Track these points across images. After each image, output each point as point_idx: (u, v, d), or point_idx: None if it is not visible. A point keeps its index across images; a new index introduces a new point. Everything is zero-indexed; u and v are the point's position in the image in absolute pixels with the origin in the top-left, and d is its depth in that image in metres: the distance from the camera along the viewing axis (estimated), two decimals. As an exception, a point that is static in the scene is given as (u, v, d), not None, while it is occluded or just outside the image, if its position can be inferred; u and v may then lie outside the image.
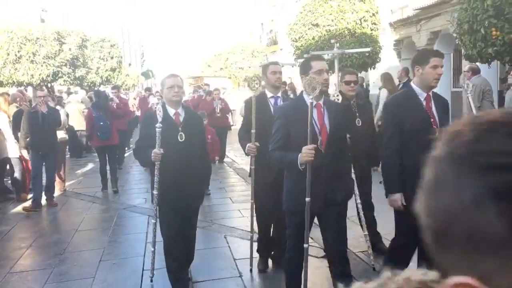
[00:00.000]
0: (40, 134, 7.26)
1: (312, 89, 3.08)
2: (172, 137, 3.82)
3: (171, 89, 3.89)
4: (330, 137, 3.26)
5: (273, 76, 4.43)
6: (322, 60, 3.45)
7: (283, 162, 3.34)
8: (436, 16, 14.28)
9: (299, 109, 3.24)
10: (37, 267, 5.04)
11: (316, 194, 3.18)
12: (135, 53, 56.79)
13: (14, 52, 14.81)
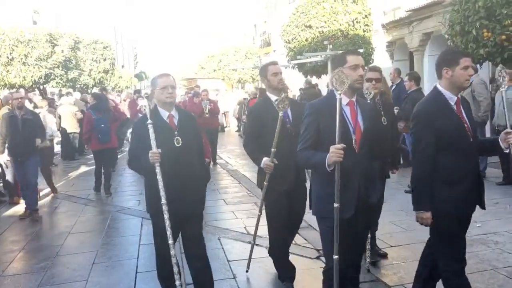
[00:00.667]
0: (19, 139, 6.86)
1: (341, 83, 2.88)
2: (168, 142, 3.50)
3: (164, 90, 3.54)
4: (365, 136, 3.06)
5: (275, 78, 4.07)
6: (359, 55, 3.14)
7: (309, 162, 3.09)
8: (428, 18, 14.35)
9: (331, 105, 2.97)
10: (29, 270, 5.01)
11: (347, 198, 2.94)
12: (128, 55, 56.67)
13: (6, 54, 14.76)
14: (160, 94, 3.56)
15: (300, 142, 3.11)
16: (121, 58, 48.68)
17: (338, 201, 2.88)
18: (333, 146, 2.82)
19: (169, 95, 3.56)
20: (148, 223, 6.50)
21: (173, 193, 3.48)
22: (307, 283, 4.24)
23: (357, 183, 3.01)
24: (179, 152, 3.53)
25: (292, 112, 4.05)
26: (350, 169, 2.92)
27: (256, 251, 5.20)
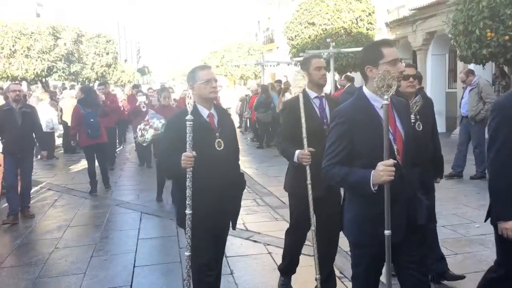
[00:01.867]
0: (18, 134, 6.39)
1: (387, 87, 2.39)
2: (208, 145, 3.06)
3: (207, 84, 3.11)
4: (407, 144, 2.60)
5: (318, 72, 3.65)
6: (394, 46, 2.67)
7: (346, 182, 2.54)
8: (432, 17, 14.32)
9: (364, 110, 2.55)
10: (27, 262, 5.01)
11: (394, 221, 2.47)
12: (131, 49, 56.64)
13: (9, 46, 14.74)
14: (202, 89, 3.13)
15: (326, 156, 2.61)
16: (124, 53, 48.69)
17: (389, 228, 2.42)
18: (383, 163, 2.35)
19: (213, 90, 3.15)
20: (147, 217, 6.55)
21: (211, 204, 3.07)
22: (305, 280, 4.24)
23: (404, 202, 2.56)
24: (220, 157, 3.10)
25: (331, 111, 3.61)
26: (396, 186, 2.43)
27: (253, 247, 5.22)
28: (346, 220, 2.71)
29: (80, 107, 8.04)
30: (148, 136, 6.86)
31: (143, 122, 7.02)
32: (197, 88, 3.15)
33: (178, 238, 5.61)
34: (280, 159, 11.20)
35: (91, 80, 18.69)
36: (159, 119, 6.88)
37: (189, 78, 3.25)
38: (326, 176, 2.64)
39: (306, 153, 3.48)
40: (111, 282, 4.40)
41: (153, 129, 6.81)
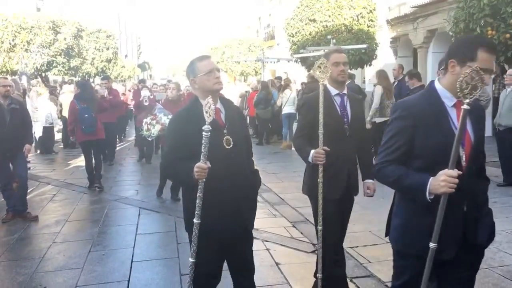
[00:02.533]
0: (7, 132, 6.06)
1: (472, 89, 2.09)
2: (216, 143, 2.75)
3: (210, 75, 2.83)
4: (475, 151, 2.31)
5: (335, 68, 3.43)
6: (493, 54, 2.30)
7: (400, 183, 2.25)
8: (433, 14, 14.28)
9: (432, 106, 2.26)
10: (25, 256, 5.01)
11: (448, 236, 2.21)
12: (132, 45, 56.55)
13: (9, 40, 14.71)
14: (205, 81, 2.84)
15: (382, 152, 2.35)
16: (125, 48, 48.60)
17: (436, 241, 2.18)
18: (445, 172, 2.08)
19: (217, 81, 2.86)
20: (146, 213, 6.55)
21: (221, 207, 2.81)
22: (302, 277, 4.23)
23: (462, 215, 2.27)
24: (229, 156, 2.83)
25: (352, 109, 3.51)
26: (456, 197, 2.14)
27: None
28: (393, 225, 2.47)
29: (76, 103, 7.86)
30: (155, 132, 6.81)
31: (150, 116, 6.94)
32: (199, 81, 2.87)
33: (176, 233, 5.61)
34: (279, 155, 11.26)
35: (91, 75, 18.65)
36: (166, 115, 6.78)
37: (188, 72, 2.95)
38: (378, 175, 2.36)
39: (320, 151, 3.28)
40: (108, 277, 4.39)
41: (160, 124, 6.75)
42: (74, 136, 8.11)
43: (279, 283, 4.17)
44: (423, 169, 2.21)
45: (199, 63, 2.89)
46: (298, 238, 5.31)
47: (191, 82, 2.94)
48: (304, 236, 5.34)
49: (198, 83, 2.88)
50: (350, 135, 3.45)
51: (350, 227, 5.47)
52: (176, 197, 7.08)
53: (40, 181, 8.76)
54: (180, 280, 4.26)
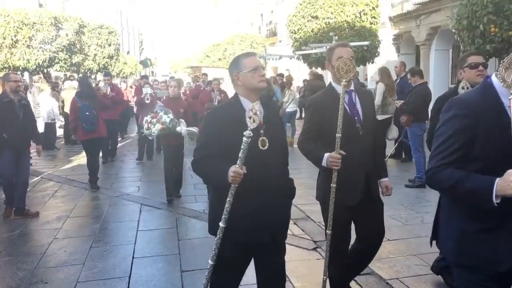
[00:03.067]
0: (20, 129, 6.07)
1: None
2: (251, 144, 2.57)
3: (255, 72, 2.71)
4: None
5: None
6: None
7: (461, 187, 2.00)
8: (436, 12, 14.24)
9: (493, 104, 2.03)
10: (26, 252, 5.01)
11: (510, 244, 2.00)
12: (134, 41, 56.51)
13: (11, 36, 14.70)
14: (249, 78, 2.72)
15: (436, 155, 2.10)
16: (127, 44, 48.58)
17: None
18: None
19: (262, 79, 2.74)
20: (147, 209, 6.55)
21: (250, 213, 2.63)
22: (303, 274, 4.23)
23: None
24: (263, 158, 2.68)
25: (362, 106, 3.27)
26: None
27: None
28: (446, 236, 2.22)
29: (77, 100, 7.68)
30: (155, 130, 6.61)
31: (150, 115, 6.74)
32: (243, 78, 2.74)
33: (177, 230, 5.61)
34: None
35: (93, 71, 18.63)
36: (166, 113, 6.59)
37: (232, 68, 2.82)
38: (432, 180, 2.11)
39: (337, 156, 3.04)
40: (109, 273, 4.40)
41: (160, 123, 6.54)
42: (76, 134, 7.95)
43: (280, 280, 4.16)
44: (482, 172, 1.98)
45: (244, 59, 2.77)
46: (299, 235, 5.31)
47: (234, 78, 2.79)
48: (305, 233, 5.33)
49: (242, 79, 2.75)
50: (363, 134, 3.18)
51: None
52: (178, 193, 7.10)
53: (42, 177, 8.77)
54: (181, 277, 4.26)
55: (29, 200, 6.76)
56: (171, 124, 6.55)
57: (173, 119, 6.60)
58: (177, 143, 6.91)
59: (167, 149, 7.11)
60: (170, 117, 6.57)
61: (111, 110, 9.47)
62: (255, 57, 2.81)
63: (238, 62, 2.79)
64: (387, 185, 3.39)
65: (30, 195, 7.08)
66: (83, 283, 4.19)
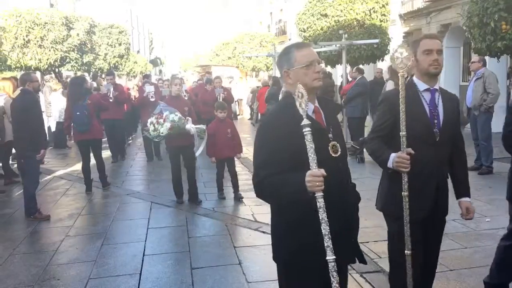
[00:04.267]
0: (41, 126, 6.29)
1: None
2: (321, 151, 2.16)
3: (309, 68, 2.26)
4: None
5: (427, 58, 2.77)
6: None
7: None
8: (447, 9, 14.14)
9: None
10: (39, 249, 5.10)
11: None
12: (144, 40, 56.75)
13: (22, 36, 14.82)
14: (303, 76, 2.27)
15: None
16: (137, 44, 48.80)
17: None
18: None
19: (317, 76, 2.28)
20: (157, 207, 6.60)
21: (339, 229, 2.20)
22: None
23: None
24: (337, 166, 2.28)
25: (445, 110, 2.84)
26: None
27: (262, 238, 5.23)
28: None
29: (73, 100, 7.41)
30: (163, 131, 6.18)
31: (154, 116, 6.35)
32: (295, 75, 2.29)
33: (187, 227, 5.65)
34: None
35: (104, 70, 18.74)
36: (173, 112, 6.27)
37: (282, 62, 2.38)
38: None
39: (404, 156, 2.66)
40: (120, 270, 4.45)
41: (169, 122, 6.18)
42: (70, 136, 7.82)
43: (289, 277, 4.18)
44: None
45: (297, 52, 2.30)
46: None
47: (283, 74, 2.35)
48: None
49: (293, 76, 2.30)
50: (440, 142, 2.78)
51: (362, 222, 5.47)
52: (197, 200, 6.71)
53: (54, 175, 8.86)
54: (191, 274, 4.30)
55: (41, 198, 6.85)
56: (180, 122, 6.26)
57: (181, 117, 6.32)
58: (185, 144, 6.54)
59: (172, 151, 6.77)
60: (177, 115, 6.28)
61: (115, 109, 9.41)
62: (309, 49, 2.33)
63: (289, 56, 2.33)
64: (468, 206, 2.94)
65: (42, 193, 7.18)
66: (94, 279, 4.24)
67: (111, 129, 10.04)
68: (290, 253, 2.29)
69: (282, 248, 2.34)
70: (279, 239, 2.37)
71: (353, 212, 2.41)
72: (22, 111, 6.00)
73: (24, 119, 5.97)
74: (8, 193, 7.52)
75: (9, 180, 8.11)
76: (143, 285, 4.12)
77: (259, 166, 2.26)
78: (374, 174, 7.81)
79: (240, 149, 7.06)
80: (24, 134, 5.99)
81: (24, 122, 5.98)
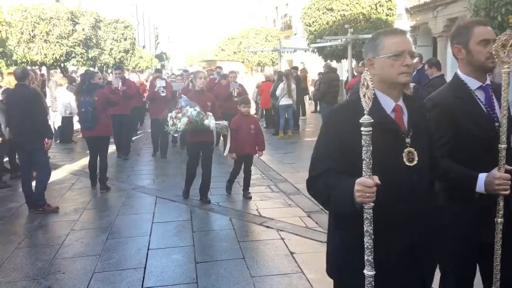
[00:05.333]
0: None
1: None
2: (393, 156, 1.93)
3: (398, 58, 1.94)
4: None
5: (483, 49, 2.35)
6: None
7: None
8: (454, 3, 14.00)
9: None
10: (44, 243, 5.13)
11: None
12: (150, 35, 56.77)
13: (28, 31, 14.86)
14: (388, 67, 1.96)
15: None
16: (142, 39, 48.82)
17: None
18: None
19: (406, 70, 1.94)
20: (162, 201, 6.62)
21: (390, 250, 1.92)
22: (316, 266, 4.24)
23: None
24: (410, 177, 1.94)
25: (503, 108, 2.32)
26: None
27: (266, 233, 5.24)
28: None
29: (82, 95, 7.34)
30: (181, 125, 6.02)
31: (175, 110, 6.20)
32: (379, 65, 1.98)
33: (192, 222, 5.66)
34: (295, 146, 11.23)
35: (109, 65, 18.77)
36: (193, 107, 6.04)
37: (368, 48, 2.06)
38: None
39: (505, 176, 2.17)
40: (125, 263, 4.47)
41: (187, 117, 5.97)
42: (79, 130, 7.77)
43: (293, 271, 4.19)
44: None
45: (386, 39, 1.98)
46: (313, 227, 5.31)
47: (367, 62, 2.05)
48: (319, 226, 5.34)
49: (377, 66, 1.99)
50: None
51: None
52: (205, 198, 6.48)
53: (59, 170, 8.90)
54: (195, 268, 4.31)
55: (47, 193, 6.86)
56: (198, 118, 6.00)
57: (200, 112, 6.05)
58: (205, 140, 6.25)
59: (191, 148, 6.47)
60: (196, 110, 6.02)
61: (123, 105, 9.26)
62: (402, 38, 1.99)
63: (376, 42, 2.01)
64: None
65: (48, 187, 7.17)
66: (99, 273, 4.26)
67: (118, 125, 9.93)
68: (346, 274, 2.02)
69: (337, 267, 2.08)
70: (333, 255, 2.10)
71: (425, 237, 1.98)
72: (25, 103, 6.05)
73: (25, 111, 6.03)
74: (14, 187, 7.56)
75: (15, 175, 8.15)
76: (148, 279, 4.13)
77: (316, 161, 2.02)
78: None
79: (263, 146, 6.70)
80: (26, 126, 6.04)
81: (27, 114, 6.03)
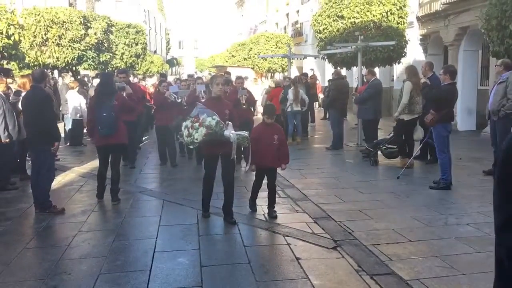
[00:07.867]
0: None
1: None
2: None
3: None
4: None
5: None
6: None
7: None
8: (465, 11, 13.94)
9: None
10: (52, 244, 5.15)
11: None
12: (161, 40, 57.15)
13: (41, 34, 15.08)
14: None
15: None
16: (154, 44, 49.17)
17: None
18: None
19: None
20: (169, 205, 6.63)
21: None
22: (322, 272, 4.22)
23: None
24: None
25: None
26: None
27: (272, 238, 5.23)
28: None
29: (97, 98, 6.71)
30: (198, 136, 5.40)
31: (190, 119, 5.60)
32: None
33: (198, 226, 5.66)
34: (303, 152, 11.20)
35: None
36: (211, 115, 5.43)
37: None
38: None
39: None
40: (131, 266, 4.47)
41: (205, 127, 5.36)
42: (93, 138, 6.94)
43: (298, 277, 4.17)
44: None
45: None
46: (319, 234, 5.29)
47: None
48: (325, 232, 5.31)
49: None
50: None
51: (373, 225, 5.46)
52: (231, 219, 5.74)
53: (69, 172, 8.96)
54: (201, 272, 4.30)
55: (55, 194, 6.92)
56: (218, 128, 5.41)
57: (220, 121, 5.45)
58: (224, 152, 5.65)
59: (210, 160, 5.89)
60: (215, 119, 5.41)
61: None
62: None
63: None
64: None
65: (56, 189, 7.26)
66: (105, 275, 4.27)
67: None
68: None
69: None
70: None
71: None
72: (36, 105, 6.14)
73: (37, 113, 6.11)
74: (22, 188, 7.63)
75: (25, 176, 8.22)
76: (153, 281, 4.13)
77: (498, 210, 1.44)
78: (388, 177, 7.78)
79: (287, 159, 6.04)
80: (37, 128, 6.13)
81: (37, 116, 6.11)
